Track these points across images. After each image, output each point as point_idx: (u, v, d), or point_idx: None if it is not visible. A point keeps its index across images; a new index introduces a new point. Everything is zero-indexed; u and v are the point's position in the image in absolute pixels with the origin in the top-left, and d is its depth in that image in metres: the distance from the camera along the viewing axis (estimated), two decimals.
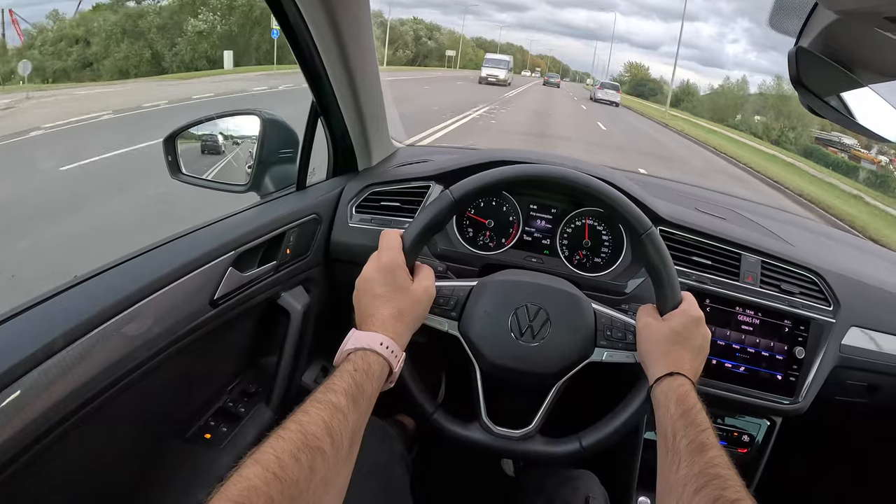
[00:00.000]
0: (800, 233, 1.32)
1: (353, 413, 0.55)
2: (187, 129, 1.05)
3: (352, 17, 0.81)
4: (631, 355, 0.77)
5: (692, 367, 0.70)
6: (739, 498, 0.52)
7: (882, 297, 1.12)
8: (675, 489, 0.56)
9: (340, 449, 0.52)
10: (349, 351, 0.62)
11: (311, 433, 0.50)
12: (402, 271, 0.71)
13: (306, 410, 0.53)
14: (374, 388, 0.60)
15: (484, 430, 0.78)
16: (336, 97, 0.94)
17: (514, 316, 0.77)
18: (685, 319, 0.73)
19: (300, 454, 0.48)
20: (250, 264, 0.88)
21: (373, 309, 0.68)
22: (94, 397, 0.62)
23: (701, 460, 0.57)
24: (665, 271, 0.76)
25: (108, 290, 0.67)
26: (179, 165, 1.04)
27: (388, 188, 1.07)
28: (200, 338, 0.80)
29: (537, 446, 0.78)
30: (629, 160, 9.95)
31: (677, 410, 0.64)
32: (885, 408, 1.18)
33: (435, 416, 0.78)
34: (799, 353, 1.02)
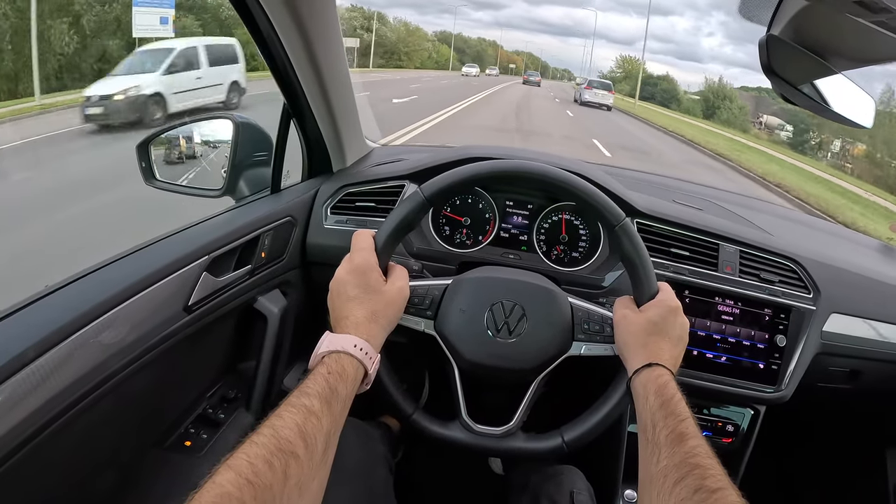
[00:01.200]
0: (778, 221, 1.32)
1: (327, 416, 0.55)
2: (160, 134, 1.05)
3: (319, 19, 0.81)
4: (609, 348, 0.77)
5: (671, 357, 0.70)
6: (720, 487, 0.51)
7: (861, 283, 1.12)
8: (656, 481, 0.55)
9: (315, 453, 0.52)
10: (323, 354, 0.62)
11: (284, 437, 0.50)
12: (375, 272, 0.70)
13: (280, 415, 0.52)
14: (348, 391, 0.60)
15: (464, 429, 0.78)
16: (307, 99, 0.94)
17: (489, 313, 0.77)
18: (662, 310, 0.73)
19: (273, 459, 0.47)
20: (225, 269, 0.88)
21: (346, 311, 0.67)
22: (70, 407, 0.62)
23: (681, 451, 0.56)
24: (640, 262, 0.76)
25: (80, 299, 0.66)
26: (153, 171, 1.04)
27: (362, 188, 1.07)
28: (176, 344, 0.79)
29: (519, 443, 0.78)
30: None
31: (656, 401, 0.63)
32: (868, 393, 1.19)
33: (414, 416, 0.78)
34: (780, 342, 1.02)
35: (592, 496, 0.90)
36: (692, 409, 1.08)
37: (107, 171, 4.57)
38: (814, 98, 0.78)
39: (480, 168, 0.78)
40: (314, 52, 0.84)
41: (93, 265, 0.74)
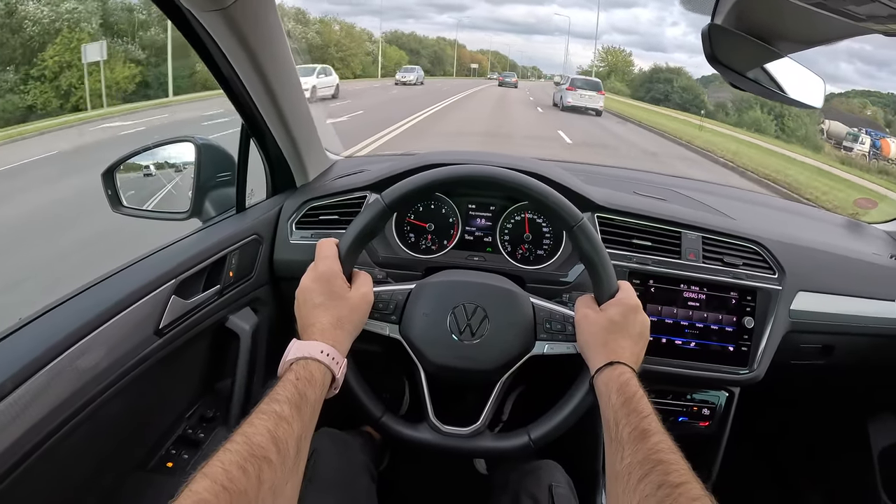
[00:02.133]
0: (741, 206, 1.34)
1: (297, 421, 0.56)
2: (125, 161, 1.06)
3: (265, 40, 0.82)
4: (571, 346, 0.78)
5: (632, 355, 0.71)
6: (684, 481, 0.52)
7: (826, 260, 1.14)
8: (621, 478, 0.56)
9: (287, 457, 0.53)
10: (291, 361, 0.64)
11: (256, 443, 0.51)
12: (339, 279, 0.72)
13: (252, 422, 0.54)
14: (317, 396, 0.62)
15: (432, 430, 0.79)
16: (263, 118, 0.95)
17: (452, 316, 0.79)
18: (622, 308, 0.74)
19: (247, 465, 0.49)
20: (194, 290, 0.89)
21: (313, 318, 0.69)
22: (50, 435, 0.63)
23: (644, 447, 0.57)
24: (599, 262, 0.76)
25: (54, 329, 0.67)
26: (120, 198, 1.05)
27: (325, 202, 1.08)
28: (150, 368, 0.80)
29: (487, 442, 0.79)
30: None
31: (619, 399, 0.64)
32: (843, 367, 1.21)
33: (383, 419, 0.79)
34: (748, 324, 1.04)
35: (572, 488, 0.91)
36: (667, 396, 1.10)
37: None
38: (762, 83, 0.79)
39: (438, 174, 0.80)
40: (264, 73, 0.85)
41: (64, 295, 0.75)
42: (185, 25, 0.77)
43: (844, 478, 1.42)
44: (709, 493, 0.51)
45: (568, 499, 0.88)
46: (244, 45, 0.79)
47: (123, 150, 1.04)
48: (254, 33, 0.78)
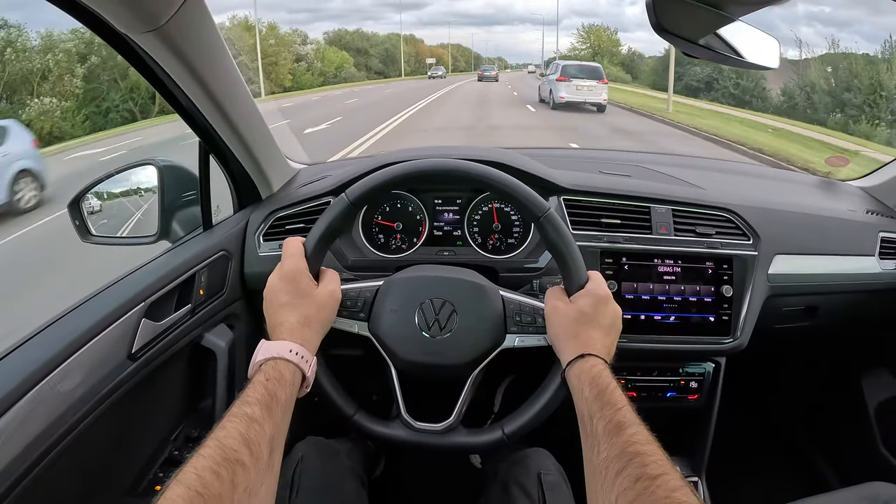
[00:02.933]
0: (710, 175, 1.33)
1: (268, 422, 0.57)
2: (90, 189, 1.06)
3: (205, 56, 0.81)
4: (542, 338, 0.77)
5: (604, 347, 0.70)
6: (661, 473, 0.51)
7: (801, 221, 1.13)
8: (598, 473, 0.55)
9: (260, 458, 0.53)
10: (260, 362, 0.64)
11: (229, 447, 0.51)
12: (306, 277, 0.72)
13: (223, 426, 0.54)
14: (287, 395, 0.62)
15: (405, 427, 0.79)
16: (219, 135, 0.95)
17: (419, 311, 0.78)
18: (592, 299, 0.72)
19: (220, 469, 0.49)
20: (165, 312, 0.89)
21: (280, 317, 0.69)
22: (32, 466, 0.63)
23: (619, 440, 0.56)
24: (567, 252, 0.75)
25: (25, 364, 0.67)
26: (88, 228, 1.05)
27: (290, 211, 1.08)
28: (128, 392, 0.80)
29: (460, 438, 0.79)
30: None
31: (591, 392, 0.63)
32: (830, 325, 1.21)
33: (356, 417, 0.79)
34: (727, 292, 1.03)
35: (563, 474, 0.91)
36: (653, 373, 1.10)
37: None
38: (715, 49, 0.79)
39: (400, 169, 0.79)
40: (211, 89, 0.85)
41: (35, 328, 0.75)
42: (124, 49, 0.77)
43: (843, 435, 1.42)
44: (688, 483, 0.50)
45: (558, 485, 0.87)
46: (185, 64, 0.79)
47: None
48: (193, 50, 0.78)
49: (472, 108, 15.45)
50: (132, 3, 0.67)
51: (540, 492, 0.85)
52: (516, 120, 12.51)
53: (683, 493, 0.48)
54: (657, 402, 1.11)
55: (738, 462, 1.48)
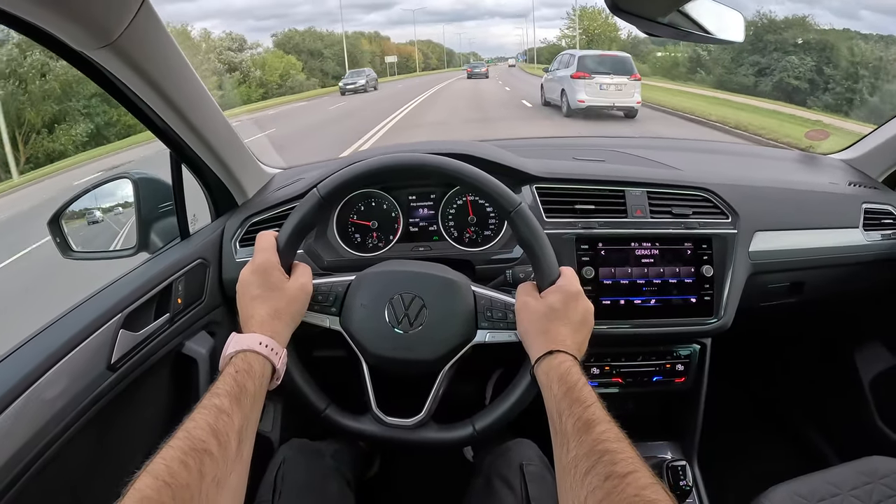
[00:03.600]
0: (687, 155, 1.32)
1: (237, 412, 0.58)
2: (68, 206, 1.07)
3: (163, 67, 0.81)
4: (513, 334, 0.77)
5: (574, 343, 0.69)
6: (631, 470, 0.50)
7: (780, 196, 1.12)
8: (568, 472, 0.55)
9: (228, 448, 0.54)
10: (231, 354, 0.65)
11: (196, 437, 0.52)
12: (277, 271, 0.73)
13: (193, 417, 0.55)
14: (256, 387, 0.63)
15: (376, 422, 0.79)
16: (188, 145, 0.95)
17: (389, 306, 0.78)
18: (562, 295, 0.72)
19: (188, 459, 0.50)
20: (144, 322, 0.90)
21: (251, 310, 0.71)
22: (15, 480, 0.64)
23: (588, 439, 0.56)
24: (538, 247, 0.75)
25: (4, 380, 0.68)
26: (69, 244, 1.06)
27: (265, 216, 1.09)
28: (110, 403, 0.81)
29: (431, 434, 0.79)
30: None
31: (560, 389, 0.63)
32: (818, 300, 1.20)
33: (327, 412, 0.80)
34: (707, 272, 1.03)
35: (546, 463, 0.91)
36: (637, 358, 1.09)
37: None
38: (678, 26, 0.78)
39: (372, 163, 0.79)
40: (173, 100, 0.85)
41: (13, 345, 0.76)
42: (82, 65, 0.77)
43: (838, 410, 1.41)
44: (658, 479, 0.50)
45: (541, 475, 0.87)
46: (144, 77, 0.79)
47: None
48: (150, 63, 0.78)
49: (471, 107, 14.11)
50: (83, 19, 0.68)
51: (523, 483, 0.85)
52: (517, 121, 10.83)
53: (653, 491, 0.48)
54: (644, 388, 1.11)
55: (732, 443, 1.48)
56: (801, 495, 0.91)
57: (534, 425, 0.88)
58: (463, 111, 13.50)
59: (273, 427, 1.14)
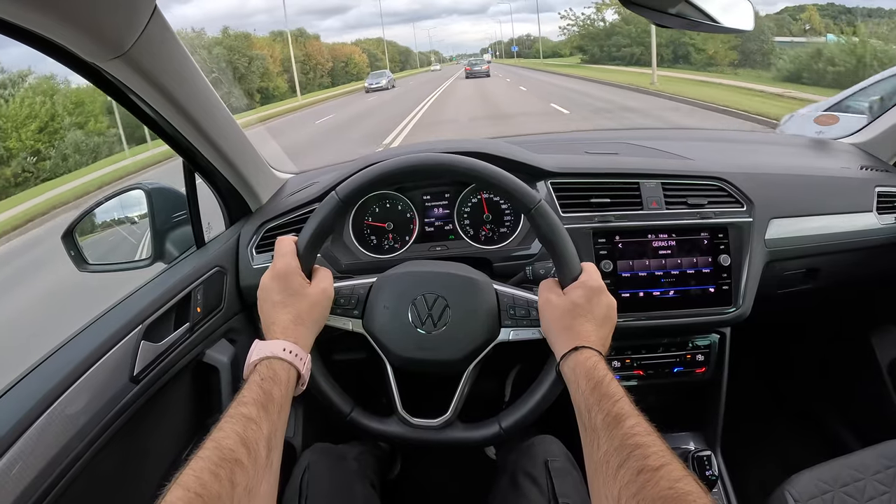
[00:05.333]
0: (698, 145, 1.32)
1: (265, 421, 0.57)
2: (81, 220, 1.07)
3: (176, 76, 0.81)
4: (536, 331, 0.76)
5: (598, 338, 0.69)
6: (663, 464, 0.50)
7: (794, 183, 1.12)
8: (600, 467, 0.55)
9: (258, 457, 0.54)
10: (255, 362, 0.65)
11: (226, 447, 0.52)
12: (298, 276, 0.73)
13: (221, 427, 0.55)
14: (282, 393, 0.62)
15: (402, 423, 0.79)
16: (202, 154, 0.95)
17: (412, 307, 0.78)
18: (585, 291, 0.71)
19: (218, 469, 0.50)
20: (164, 332, 0.90)
21: (273, 317, 0.70)
22: (43, 497, 0.64)
23: (618, 433, 0.55)
24: (560, 244, 0.74)
25: (26, 398, 0.68)
26: (84, 257, 1.06)
27: (280, 221, 1.08)
28: (134, 415, 0.81)
29: (457, 433, 0.79)
30: None
31: (587, 385, 0.62)
32: (832, 286, 1.19)
33: (352, 415, 0.80)
34: (724, 261, 1.02)
35: (571, 459, 0.91)
36: (657, 349, 1.09)
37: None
38: (687, 16, 0.78)
39: (389, 165, 0.79)
40: (186, 109, 0.85)
41: (34, 361, 0.76)
42: (94, 76, 0.77)
43: (858, 395, 1.41)
44: (691, 471, 0.50)
45: (566, 471, 0.87)
46: (157, 86, 0.79)
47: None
48: (162, 72, 0.78)
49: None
50: (94, 31, 0.67)
51: (548, 479, 0.85)
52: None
53: (686, 483, 0.48)
54: (665, 379, 1.11)
55: (753, 432, 1.48)
56: (824, 481, 0.91)
57: (556, 421, 0.88)
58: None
59: (295, 432, 1.14)
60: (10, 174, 12.85)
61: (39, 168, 13.34)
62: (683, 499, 0.46)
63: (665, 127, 1.87)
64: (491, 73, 28.77)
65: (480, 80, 24.03)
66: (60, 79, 14.90)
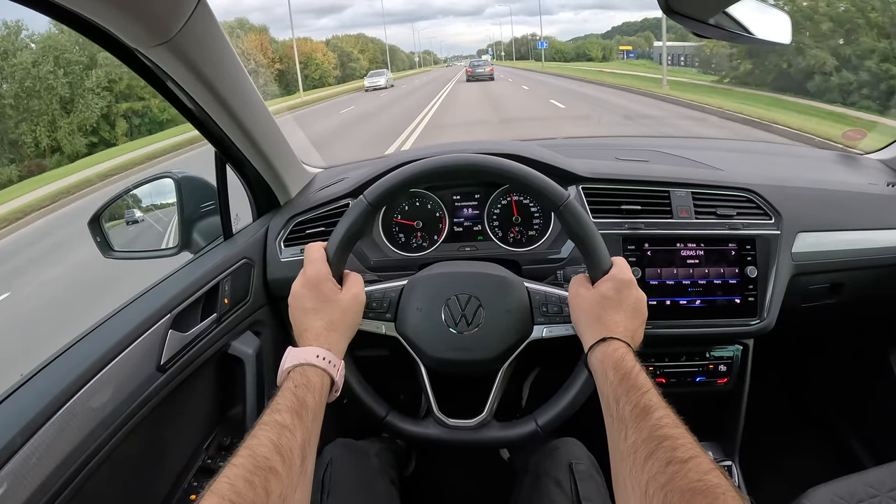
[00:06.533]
0: (727, 155, 1.31)
1: (299, 428, 0.57)
2: (108, 206, 1.07)
3: (217, 65, 0.81)
4: (569, 327, 0.76)
5: (627, 331, 0.69)
6: (692, 456, 0.50)
7: (821, 197, 1.12)
8: (627, 458, 0.54)
9: (293, 465, 0.54)
10: (288, 369, 0.64)
11: (260, 455, 0.52)
12: (329, 282, 0.72)
13: (255, 434, 0.55)
14: (316, 400, 0.62)
15: (438, 425, 0.79)
16: (235, 144, 0.95)
17: (445, 308, 0.78)
18: (615, 283, 0.72)
19: (253, 477, 0.49)
20: (191, 322, 0.90)
21: (306, 323, 0.70)
22: (67, 483, 0.64)
23: (647, 424, 0.55)
24: (589, 239, 0.74)
25: (56, 381, 0.68)
26: (109, 244, 1.06)
27: (309, 216, 1.08)
28: (159, 404, 0.81)
29: (494, 432, 0.79)
30: None
31: (616, 376, 0.62)
32: (855, 301, 1.19)
33: (388, 418, 0.80)
34: (751, 273, 1.02)
35: (594, 462, 0.91)
36: (681, 358, 1.09)
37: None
38: (726, 27, 0.77)
39: (417, 167, 0.79)
40: (224, 98, 0.85)
41: (65, 344, 0.76)
42: (135, 63, 0.77)
43: (875, 412, 1.40)
44: (718, 465, 0.50)
45: (590, 474, 0.87)
46: (197, 74, 0.79)
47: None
48: (204, 60, 0.78)
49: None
50: (142, 17, 0.67)
51: (572, 482, 0.85)
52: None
53: (715, 476, 0.48)
54: (686, 388, 1.11)
55: (770, 443, 1.47)
56: (840, 496, 0.91)
57: (577, 424, 0.88)
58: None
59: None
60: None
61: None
62: (712, 491, 0.46)
63: (691, 136, 1.86)
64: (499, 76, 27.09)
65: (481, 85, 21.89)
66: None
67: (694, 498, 0.46)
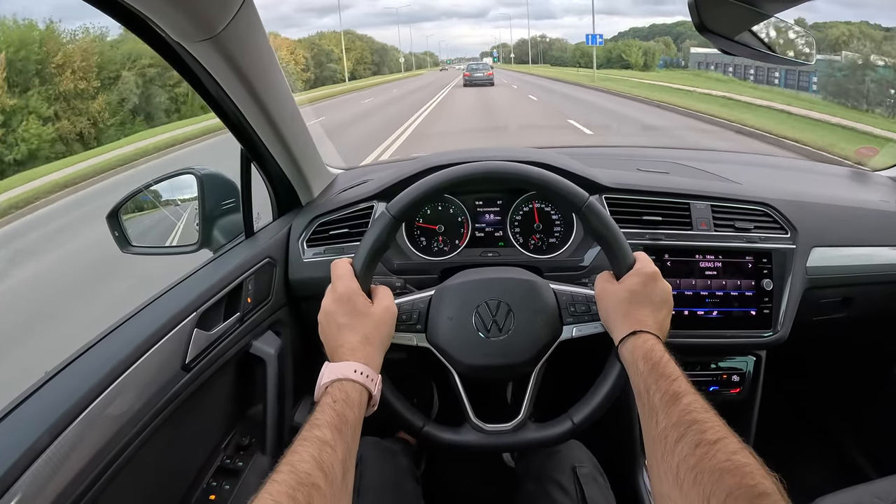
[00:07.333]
0: (745, 169, 1.33)
1: (340, 443, 0.57)
2: (128, 201, 1.06)
3: (257, 63, 0.81)
4: (598, 325, 0.78)
5: (655, 322, 0.71)
6: (720, 437, 0.52)
7: (834, 213, 1.14)
8: (658, 443, 0.56)
9: (334, 480, 0.54)
10: (326, 384, 0.64)
11: (302, 471, 0.51)
12: (360, 297, 0.72)
13: (296, 450, 0.54)
14: (356, 416, 0.62)
15: (476, 431, 0.79)
16: (262, 142, 0.94)
17: (476, 315, 0.78)
18: (640, 277, 0.73)
19: (296, 493, 0.49)
20: (215, 321, 0.89)
21: (340, 339, 0.69)
22: (91, 485, 0.63)
23: (676, 410, 0.57)
24: (611, 237, 0.76)
25: (83, 378, 0.67)
26: (127, 238, 1.05)
27: (333, 216, 1.08)
28: (182, 404, 0.80)
29: (531, 434, 0.79)
30: None
31: (645, 366, 0.64)
32: (864, 315, 1.21)
33: (426, 429, 0.79)
34: (767, 286, 1.04)
35: (597, 465, 0.92)
36: (695, 368, 1.10)
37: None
38: (753, 46, 0.79)
39: (439, 177, 0.79)
40: (259, 97, 0.85)
41: (87, 343, 0.75)
42: (173, 57, 0.77)
43: (879, 425, 1.43)
44: (747, 445, 0.51)
45: (593, 477, 0.88)
46: (237, 72, 0.78)
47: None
48: (245, 58, 0.78)
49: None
50: (189, 13, 0.67)
51: (577, 485, 0.86)
52: None
53: (743, 455, 0.49)
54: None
55: (777, 454, 1.49)
56: None
57: (589, 431, 0.89)
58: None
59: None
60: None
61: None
62: (740, 470, 0.48)
63: (712, 149, 1.88)
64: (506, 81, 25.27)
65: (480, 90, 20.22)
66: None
67: (723, 477, 0.48)
